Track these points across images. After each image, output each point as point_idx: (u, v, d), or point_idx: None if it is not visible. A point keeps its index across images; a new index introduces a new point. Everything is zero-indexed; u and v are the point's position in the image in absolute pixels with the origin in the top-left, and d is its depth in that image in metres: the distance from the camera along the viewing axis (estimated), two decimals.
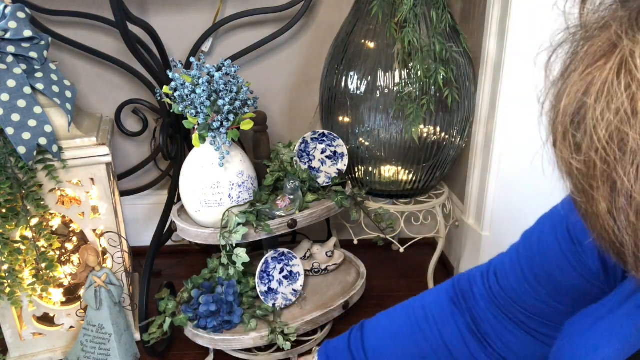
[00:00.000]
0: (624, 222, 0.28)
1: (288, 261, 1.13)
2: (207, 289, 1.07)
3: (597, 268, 0.48)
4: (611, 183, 0.28)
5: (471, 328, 0.61)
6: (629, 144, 0.26)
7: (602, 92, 0.28)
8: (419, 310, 0.65)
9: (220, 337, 1.03)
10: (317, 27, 1.39)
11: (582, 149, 0.29)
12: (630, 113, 0.26)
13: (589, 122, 0.28)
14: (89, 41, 1.29)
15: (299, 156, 1.18)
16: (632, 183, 0.26)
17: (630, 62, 0.26)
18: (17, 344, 1.10)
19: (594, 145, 0.28)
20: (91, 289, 1.06)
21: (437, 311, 0.63)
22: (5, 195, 0.94)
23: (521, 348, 0.58)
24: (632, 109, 0.26)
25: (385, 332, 0.66)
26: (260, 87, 1.41)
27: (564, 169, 0.31)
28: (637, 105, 0.26)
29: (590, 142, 0.28)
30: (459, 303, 0.62)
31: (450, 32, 1.13)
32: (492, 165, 1.21)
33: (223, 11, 1.35)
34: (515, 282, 0.56)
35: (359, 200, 1.22)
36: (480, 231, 1.27)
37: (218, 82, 0.98)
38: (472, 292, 0.62)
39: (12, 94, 0.91)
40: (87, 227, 1.07)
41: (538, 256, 0.54)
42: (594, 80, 0.28)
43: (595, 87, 0.28)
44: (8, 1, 1.00)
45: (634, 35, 0.27)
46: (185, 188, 1.05)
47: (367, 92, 1.16)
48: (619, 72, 0.27)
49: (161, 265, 1.46)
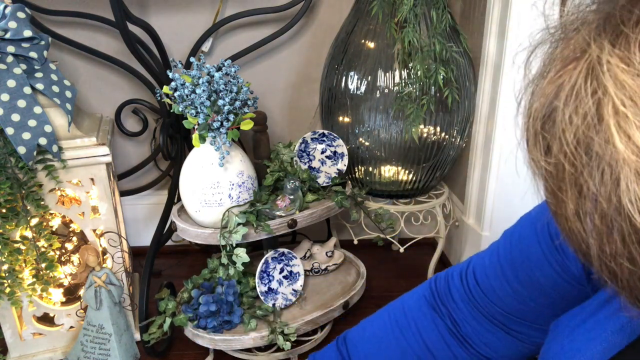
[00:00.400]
0: (589, 225, 0.28)
1: (288, 261, 1.13)
2: (207, 289, 1.07)
3: (580, 273, 0.48)
4: (579, 187, 0.28)
5: (452, 331, 0.61)
6: (594, 149, 0.26)
7: (570, 96, 0.28)
8: (400, 314, 0.65)
9: (220, 337, 1.03)
10: (317, 27, 1.39)
11: (552, 151, 0.30)
12: (596, 119, 0.26)
13: (558, 125, 0.29)
14: (89, 41, 1.29)
15: (299, 156, 1.18)
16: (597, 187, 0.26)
17: (598, 68, 0.26)
18: (17, 344, 1.10)
19: (563, 149, 0.28)
20: (91, 289, 1.06)
21: (417, 315, 0.63)
22: (5, 195, 0.94)
23: (503, 348, 0.58)
24: (598, 115, 0.26)
25: (369, 339, 0.66)
26: (260, 87, 1.41)
27: (536, 170, 0.32)
28: (603, 112, 0.26)
29: (559, 145, 0.29)
30: (438, 307, 0.62)
31: (450, 32, 1.13)
32: (492, 165, 1.21)
33: (223, 11, 1.35)
34: (495, 283, 0.56)
35: (359, 200, 1.22)
36: (480, 231, 1.27)
37: (218, 82, 0.98)
38: (451, 294, 0.62)
39: (12, 94, 0.91)
40: (87, 227, 1.07)
41: (519, 257, 0.54)
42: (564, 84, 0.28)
43: (565, 92, 0.28)
44: (8, 1, 1.00)
45: (602, 42, 0.27)
46: (185, 188, 1.05)
47: (367, 92, 1.16)
48: (586, 77, 0.27)
49: (161, 265, 1.46)
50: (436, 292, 0.64)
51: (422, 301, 0.65)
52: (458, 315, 0.61)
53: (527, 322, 0.55)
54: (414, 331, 0.63)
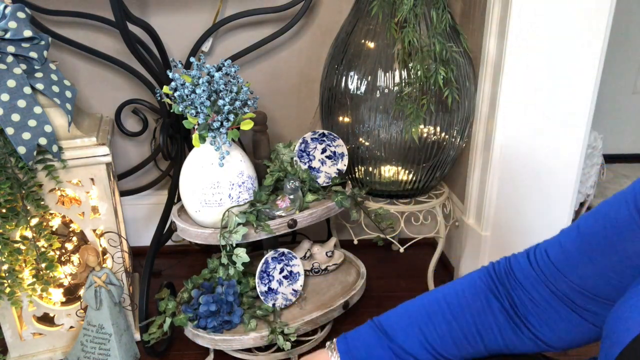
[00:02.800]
0: None
1: (288, 261, 1.13)
2: (207, 289, 1.07)
3: None
4: None
5: (508, 313, 0.62)
6: None
7: None
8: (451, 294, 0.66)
9: (220, 337, 1.03)
10: (317, 27, 1.39)
11: None
12: None
13: None
14: (89, 41, 1.29)
15: (299, 156, 1.18)
16: None
17: None
18: (17, 344, 1.10)
19: None
20: (91, 289, 1.06)
21: (470, 296, 0.64)
22: (5, 195, 0.94)
23: (563, 329, 0.58)
24: None
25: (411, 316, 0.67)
26: (260, 87, 1.41)
27: None
28: None
29: None
30: (496, 288, 0.63)
31: (450, 32, 1.13)
32: (492, 166, 1.21)
33: (223, 11, 1.35)
34: (573, 257, 0.56)
35: (359, 200, 1.22)
36: (480, 231, 1.27)
37: (218, 82, 0.98)
38: (514, 274, 0.62)
39: (12, 94, 0.91)
40: (87, 227, 1.07)
41: (604, 229, 0.53)
42: None
43: None
44: (8, 1, 1.00)
45: None
46: (185, 188, 1.05)
47: (367, 92, 1.16)
48: None
49: (161, 265, 1.46)
50: (494, 274, 0.64)
51: (478, 282, 0.65)
52: (519, 295, 0.61)
53: (600, 298, 0.55)
54: (464, 310, 0.63)
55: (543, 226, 1.24)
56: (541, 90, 1.13)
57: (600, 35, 1.09)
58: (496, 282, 0.64)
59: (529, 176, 1.20)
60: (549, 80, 1.12)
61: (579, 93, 1.13)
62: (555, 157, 1.18)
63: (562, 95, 1.13)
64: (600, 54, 1.11)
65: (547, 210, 1.23)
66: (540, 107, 1.14)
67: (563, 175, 1.20)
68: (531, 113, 1.15)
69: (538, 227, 1.25)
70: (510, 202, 1.23)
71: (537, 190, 1.22)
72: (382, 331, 0.67)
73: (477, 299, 0.64)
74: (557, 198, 1.22)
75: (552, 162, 1.19)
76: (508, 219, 1.25)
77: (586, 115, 1.15)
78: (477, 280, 0.66)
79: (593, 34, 1.09)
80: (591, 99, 1.14)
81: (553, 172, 1.20)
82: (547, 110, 1.15)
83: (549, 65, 1.11)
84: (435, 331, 0.65)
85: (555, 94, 1.13)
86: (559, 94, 1.13)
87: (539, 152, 1.18)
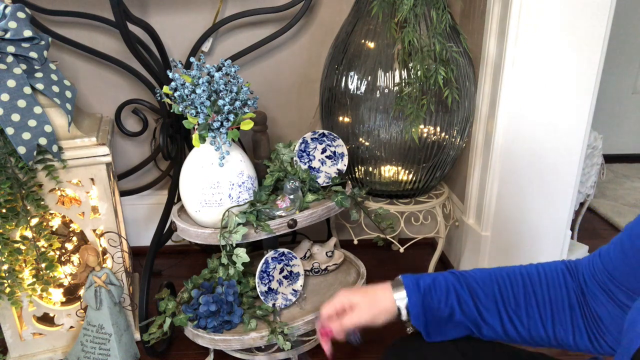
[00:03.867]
0: None
1: (288, 261, 1.13)
2: (207, 289, 1.07)
3: None
4: None
5: (577, 294, 0.68)
6: None
7: None
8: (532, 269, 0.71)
9: (220, 337, 1.03)
10: (317, 27, 1.39)
11: None
12: None
13: None
14: (89, 41, 1.29)
15: (299, 156, 1.18)
16: None
17: None
18: (17, 344, 1.10)
19: None
20: (91, 289, 1.06)
21: (550, 273, 0.70)
22: (5, 195, 0.94)
23: (608, 318, 0.65)
24: None
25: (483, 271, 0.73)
26: (260, 87, 1.41)
27: None
28: None
29: None
30: (572, 271, 0.70)
31: (450, 32, 1.13)
32: (492, 165, 1.21)
33: (223, 11, 1.35)
34: (613, 254, 0.64)
35: (359, 200, 1.22)
36: (480, 231, 1.27)
37: (218, 82, 0.98)
38: (577, 268, 0.70)
39: (12, 94, 0.91)
40: (87, 227, 1.07)
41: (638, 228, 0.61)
42: None
43: None
44: (8, 1, 1.00)
45: None
46: (185, 188, 1.05)
47: (367, 92, 1.16)
48: None
49: (161, 265, 1.46)
50: (568, 263, 0.71)
51: (559, 264, 0.71)
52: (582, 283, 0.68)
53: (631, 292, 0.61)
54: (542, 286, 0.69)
55: (543, 226, 1.24)
56: (541, 90, 1.13)
57: (600, 36, 1.09)
58: (572, 269, 0.70)
59: (529, 176, 1.20)
60: (549, 80, 1.12)
61: (579, 93, 1.13)
62: (556, 157, 1.18)
63: (562, 96, 1.13)
64: (600, 54, 1.11)
65: (547, 210, 1.23)
66: (540, 107, 1.14)
67: (563, 175, 1.20)
68: (531, 113, 1.15)
69: (538, 227, 1.25)
70: (510, 202, 1.23)
71: (537, 190, 1.22)
72: (460, 274, 0.72)
73: (556, 281, 0.70)
74: (557, 198, 1.22)
75: (552, 162, 1.19)
76: (508, 219, 1.25)
77: (586, 115, 1.15)
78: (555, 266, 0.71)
79: (593, 34, 1.09)
80: (591, 99, 1.14)
81: (553, 172, 1.20)
82: (547, 110, 1.15)
83: (549, 66, 1.11)
84: (512, 293, 0.69)
85: (555, 94, 1.13)
86: (559, 94, 1.13)
87: (539, 152, 1.18)
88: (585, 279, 0.68)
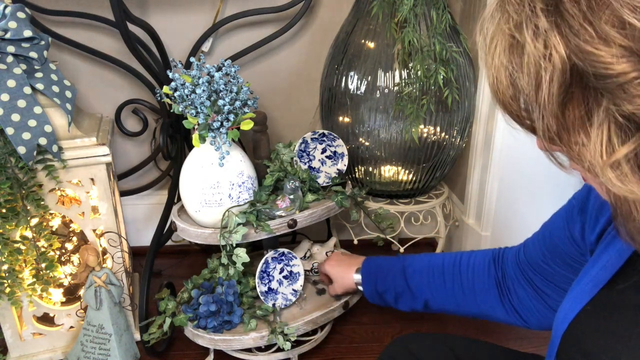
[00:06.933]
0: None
1: (288, 261, 1.13)
2: (207, 289, 1.07)
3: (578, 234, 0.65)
4: None
5: (499, 280, 0.81)
6: None
7: None
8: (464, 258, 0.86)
9: (220, 337, 1.03)
10: (317, 27, 1.39)
11: None
12: None
13: None
14: (89, 41, 1.29)
15: (299, 156, 1.18)
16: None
17: None
18: (17, 344, 1.10)
19: None
20: (91, 289, 1.06)
21: (479, 263, 0.84)
22: (5, 195, 0.94)
23: (528, 302, 0.76)
24: None
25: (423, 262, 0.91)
26: (260, 87, 1.41)
27: None
28: None
29: None
30: (497, 261, 0.83)
31: (450, 32, 1.13)
32: (492, 165, 1.21)
33: (223, 11, 1.35)
34: (534, 252, 0.75)
35: (359, 200, 1.22)
36: (480, 231, 1.27)
37: (218, 82, 0.98)
38: (505, 256, 0.83)
39: (12, 94, 0.91)
40: (87, 227, 1.07)
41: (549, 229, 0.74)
42: None
43: None
44: (8, 1, 1.00)
45: None
46: (185, 188, 1.05)
47: (367, 92, 1.16)
48: None
49: (161, 265, 1.46)
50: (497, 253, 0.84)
51: (488, 255, 0.85)
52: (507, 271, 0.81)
53: (551, 282, 0.72)
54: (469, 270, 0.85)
55: None
56: None
57: None
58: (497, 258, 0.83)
59: (529, 176, 1.20)
60: None
61: None
62: None
63: None
64: None
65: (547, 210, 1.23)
66: None
67: (563, 175, 1.20)
68: None
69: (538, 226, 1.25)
70: (510, 202, 1.23)
71: (538, 190, 1.22)
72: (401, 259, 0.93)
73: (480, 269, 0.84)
74: (557, 198, 1.22)
75: None
76: (508, 219, 1.25)
77: None
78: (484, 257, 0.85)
79: None
80: None
81: (553, 172, 1.19)
82: None
83: None
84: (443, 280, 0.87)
85: None
86: None
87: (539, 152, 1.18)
88: (509, 266, 0.81)
